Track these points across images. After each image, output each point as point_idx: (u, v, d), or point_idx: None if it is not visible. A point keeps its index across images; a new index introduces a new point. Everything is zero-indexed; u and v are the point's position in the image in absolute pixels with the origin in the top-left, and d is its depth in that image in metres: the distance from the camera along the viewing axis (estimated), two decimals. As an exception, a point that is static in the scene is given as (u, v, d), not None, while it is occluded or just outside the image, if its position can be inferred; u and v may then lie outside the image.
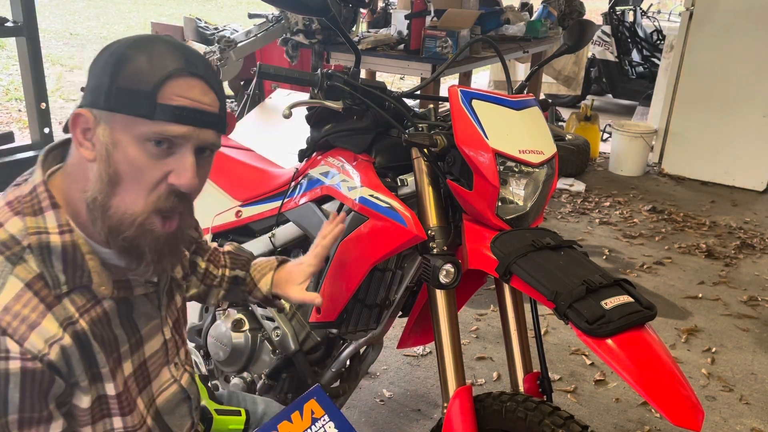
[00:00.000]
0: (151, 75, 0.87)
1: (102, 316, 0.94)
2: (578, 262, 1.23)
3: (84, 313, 0.91)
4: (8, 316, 0.83)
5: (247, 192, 1.80)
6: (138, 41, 0.89)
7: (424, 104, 2.77)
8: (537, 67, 1.70)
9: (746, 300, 3.22)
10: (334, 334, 1.61)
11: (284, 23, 4.09)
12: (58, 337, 0.86)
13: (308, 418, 1.16)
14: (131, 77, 0.86)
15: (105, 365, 0.93)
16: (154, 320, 1.05)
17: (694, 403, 1.03)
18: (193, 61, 0.90)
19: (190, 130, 0.89)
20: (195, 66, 0.90)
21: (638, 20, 7.56)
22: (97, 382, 0.93)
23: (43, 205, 0.89)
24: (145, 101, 0.86)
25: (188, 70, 0.89)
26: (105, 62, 0.88)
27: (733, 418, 2.35)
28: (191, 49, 0.92)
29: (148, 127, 0.87)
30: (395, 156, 1.47)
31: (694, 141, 4.99)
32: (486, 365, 2.58)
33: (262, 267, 1.40)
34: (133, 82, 0.86)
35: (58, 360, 0.86)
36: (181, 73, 0.88)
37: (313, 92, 1.47)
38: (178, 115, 0.87)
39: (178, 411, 1.10)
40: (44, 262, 0.87)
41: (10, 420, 0.84)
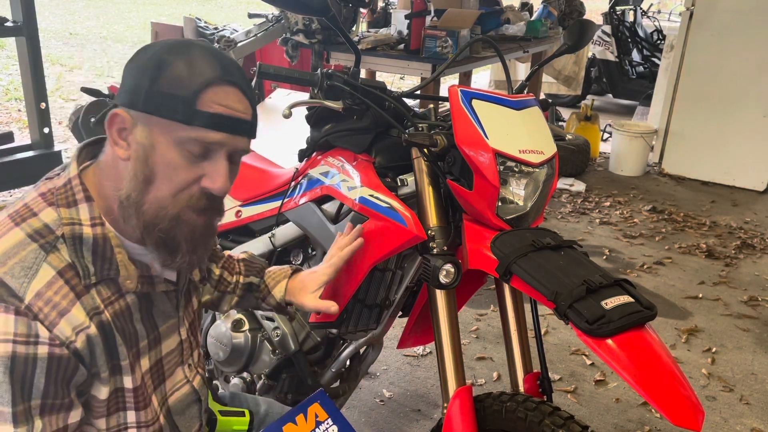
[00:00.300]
0: (190, 81, 0.89)
1: (125, 309, 0.96)
2: (578, 262, 1.23)
3: (109, 305, 0.93)
4: (40, 301, 0.85)
5: (247, 192, 1.80)
6: (178, 46, 0.91)
7: (424, 104, 2.77)
8: (537, 67, 1.69)
9: (746, 300, 3.22)
10: (334, 334, 1.60)
11: (284, 23, 4.09)
12: (85, 326, 0.89)
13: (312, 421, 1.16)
14: (171, 82, 0.89)
15: (125, 358, 0.95)
16: (172, 319, 1.06)
17: (694, 403, 1.03)
18: (229, 69, 0.92)
19: (225, 137, 0.92)
20: (231, 74, 0.92)
21: (638, 20, 7.56)
22: (116, 375, 0.95)
23: (77, 197, 0.92)
24: (183, 107, 0.89)
25: (225, 78, 0.91)
26: (144, 65, 0.90)
27: (733, 418, 2.35)
28: (227, 57, 0.94)
29: (186, 132, 0.89)
30: (395, 156, 1.47)
31: (694, 141, 4.99)
32: (486, 365, 2.58)
33: (276, 275, 1.41)
34: (172, 87, 0.89)
35: (83, 348, 0.88)
36: (219, 81, 0.91)
37: (313, 92, 1.47)
38: (215, 123, 0.90)
39: (189, 412, 1.11)
40: (76, 252, 0.90)
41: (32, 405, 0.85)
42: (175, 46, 0.91)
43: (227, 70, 0.92)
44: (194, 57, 0.91)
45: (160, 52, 0.90)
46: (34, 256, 0.87)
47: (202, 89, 0.89)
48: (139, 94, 0.89)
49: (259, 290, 1.41)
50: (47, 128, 3.46)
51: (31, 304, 0.84)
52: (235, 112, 0.92)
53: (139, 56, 0.92)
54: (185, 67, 0.90)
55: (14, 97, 6.72)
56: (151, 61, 0.90)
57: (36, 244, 0.88)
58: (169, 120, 0.89)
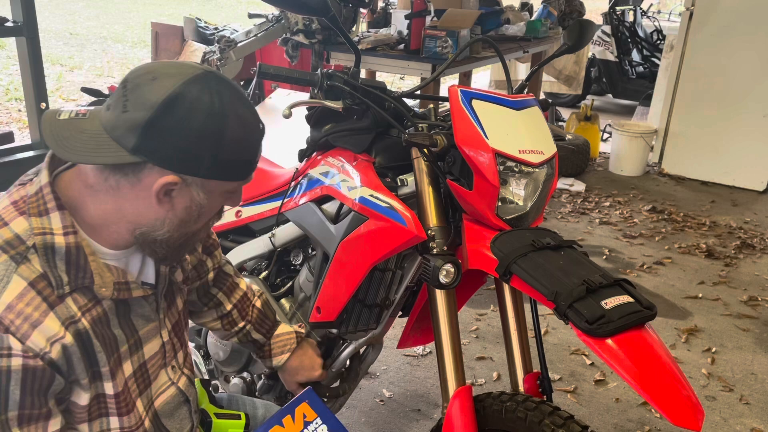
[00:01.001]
0: (248, 143, 0.94)
1: (102, 315, 0.95)
2: (578, 262, 1.23)
3: (86, 312, 0.92)
4: (11, 314, 0.84)
5: (247, 192, 1.80)
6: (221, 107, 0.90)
7: (424, 104, 2.77)
8: (537, 67, 1.69)
9: (746, 300, 3.22)
10: (334, 334, 1.60)
11: (284, 23, 4.09)
12: (60, 336, 0.87)
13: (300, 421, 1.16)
14: (234, 149, 0.92)
15: (105, 364, 0.94)
16: (152, 322, 1.05)
17: (694, 403, 1.03)
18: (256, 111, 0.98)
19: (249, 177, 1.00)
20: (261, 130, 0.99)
21: (638, 20, 7.55)
22: (97, 381, 0.94)
23: (48, 206, 0.90)
24: (246, 167, 0.96)
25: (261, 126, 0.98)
26: (200, 133, 0.88)
27: (733, 418, 2.35)
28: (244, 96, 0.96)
29: (237, 184, 0.98)
30: (395, 156, 1.47)
31: (694, 141, 4.99)
32: (486, 365, 2.58)
33: (282, 342, 1.43)
34: (236, 153, 0.93)
35: (59, 358, 0.87)
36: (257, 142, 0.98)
37: (313, 92, 1.47)
38: (254, 168, 1.00)
39: (178, 414, 1.10)
40: (48, 262, 0.89)
41: (9, 416, 0.85)
42: (216, 102, 0.90)
43: (255, 112, 0.96)
44: (239, 109, 0.92)
45: (209, 116, 0.89)
46: (5, 268, 0.86)
47: (260, 146, 0.96)
48: (200, 164, 0.90)
49: (261, 348, 1.43)
50: (47, 128, 3.45)
51: (2, 317, 0.83)
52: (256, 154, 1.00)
53: (181, 118, 0.88)
54: (239, 127, 0.92)
55: (14, 97, 6.72)
56: (206, 130, 0.89)
57: (6, 255, 0.87)
58: (227, 180, 0.95)
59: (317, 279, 1.54)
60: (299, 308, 1.66)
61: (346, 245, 1.43)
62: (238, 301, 1.39)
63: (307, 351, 1.47)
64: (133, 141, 0.86)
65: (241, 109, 0.92)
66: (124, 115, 0.87)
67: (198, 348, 1.88)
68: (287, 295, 1.70)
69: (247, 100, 0.95)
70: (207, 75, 0.90)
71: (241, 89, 0.96)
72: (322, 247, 1.53)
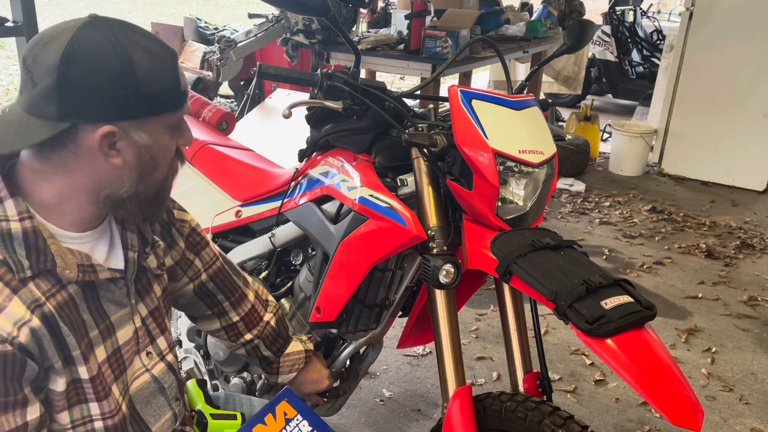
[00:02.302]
0: (163, 70, 0.92)
1: (68, 299, 0.94)
2: (578, 262, 1.23)
3: (50, 297, 0.92)
4: None
5: (247, 192, 1.80)
6: (116, 39, 0.88)
7: (424, 104, 2.77)
8: (537, 67, 1.70)
9: (746, 300, 3.22)
10: (334, 334, 1.60)
11: (284, 23, 4.09)
12: (27, 319, 0.87)
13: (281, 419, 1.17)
14: (151, 81, 0.90)
15: (76, 348, 0.94)
16: (124, 308, 1.04)
17: (694, 403, 1.03)
18: (160, 38, 0.95)
19: (186, 104, 0.99)
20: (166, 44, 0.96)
21: (638, 20, 7.56)
22: (70, 365, 0.94)
23: (1, 195, 0.91)
24: (173, 95, 0.94)
25: (171, 51, 0.95)
26: (107, 74, 0.87)
27: (733, 418, 2.35)
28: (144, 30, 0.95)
29: (175, 116, 0.96)
30: (395, 156, 1.47)
31: (694, 141, 4.99)
32: (486, 365, 2.58)
33: (292, 362, 1.43)
34: (155, 83, 0.91)
35: (28, 342, 0.87)
36: (175, 53, 0.95)
37: (313, 92, 1.47)
38: (185, 95, 0.97)
39: (154, 401, 1.09)
40: (6, 248, 0.89)
41: None
42: (113, 40, 0.88)
43: (161, 41, 0.94)
44: (140, 40, 0.90)
45: (111, 54, 0.87)
46: None
47: (177, 71, 0.93)
48: (126, 105, 0.89)
49: (269, 365, 1.42)
50: (47, 128, 3.45)
51: None
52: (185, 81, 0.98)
53: (85, 66, 0.87)
54: (147, 56, 0.90)
55: (14, 97, 6.72)
56: (114, 69, 0.87)
57: None
58: (161, 114, 0.93)
59: (317, 279, 1.54)
60: (299, 308, 1.66)
61: (346, 245, 1.43)
62: (246, 314, 1.37)
63: (314, 366, 1.47)
64: (53, 109, 0.87)
65: (140, 39, 0.91)
66: (35, 90, 0.87)
67: (198, 348, 1.88)
68: (287, 295, 1.70)
69: (143, 30, 0.93)
70: (93, 20, 0.90)
71: (132, 24, 0.95)
72: (322, 247, 1.53)
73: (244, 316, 1.37)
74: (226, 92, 6.67)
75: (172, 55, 0.95)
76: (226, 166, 1.90)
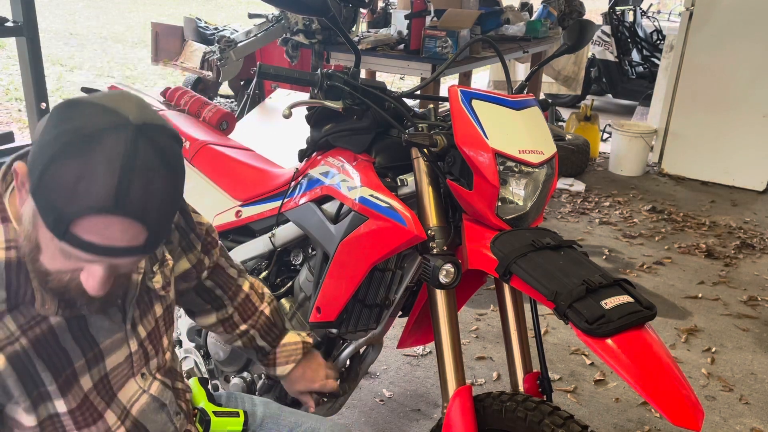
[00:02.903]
0: (71, 201, 0.75)
1: (47, 332, 0.89)
2: (578, 262, 1.23)
3: (27, 330, 0.86)
4: None
5: (247, 192, 1.80)
6: (81, 145, 0.75)
7: (424, 104, 2.77)
8: (537, 67, 1.70)
9: (746, 300, 3.22)
10: (334, 334, 1.61)
11: (284, 23, 4.09)
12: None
13: None
14: (53, 186, 0.76)
15: (53, 383, 0.89)
16: (117, 333, 0.98)
17: (694, 402, 1.03)
18: (126, 195, 0.76)
19: (99, 258, 0.81)
20: (124, 205, 0.76)
21: (638, 20, 7.56)
22: (46, 401, 0.89)
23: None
24: (57, 221, 0.77)
25: (113, 212, 0.76)
26: (51, 139, 0.76)
27: (732, 418, 2.35)
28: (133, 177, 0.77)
29: (56, 242, 0.79)
30: (395, 156, 1.47)
31: (694, 141, 4.99)
32: (486, 365, 2.58)
33: (288, 352, 1.40)
34: (52, 192, 0.76)
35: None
36: (103, 212, 0.76)
37: (313, 92, 1.47)
38: (86, 247, 0.78)
39: (159, 419, 1.07)
40: None
41: None
42: (84, 139, 0.75)
43: (121, 199, 0.76)
44: (90, 171, 0.75)
45: (65, 141, 0.75)
46: None
47: (79, 216, 0.76)
48: (34, 171, 0.77)
49: (265, 356, 1.40)
50: (47, 128, 3.45)
51: None
52: (116, 242, 0.78)
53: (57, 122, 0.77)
54: (74, 180, 0.75)
55: (14, 97, 6.72)
56: (53, 147, 0.76)
57: None
58: (44, 219, 0.78)
59: (317, 279, 1.54)
60: (299, 308, 1.66)
61: (346, 245, 1.43)
62: (240, 303, 1.37)
63: (312, 362, 1.44)
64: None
65: (96, 166, 0.75)
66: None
67: (198, 348, 1.88)
68: (287, 295, 1.70)
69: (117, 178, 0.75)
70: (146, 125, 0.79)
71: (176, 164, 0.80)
72: (322, 247, 1.53)
73: (239, 306, 1.36)
74: (226, 92, 6.67)
75: (96, 210, 0.76)
76: (226, 166, 1.90)
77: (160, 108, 2.14)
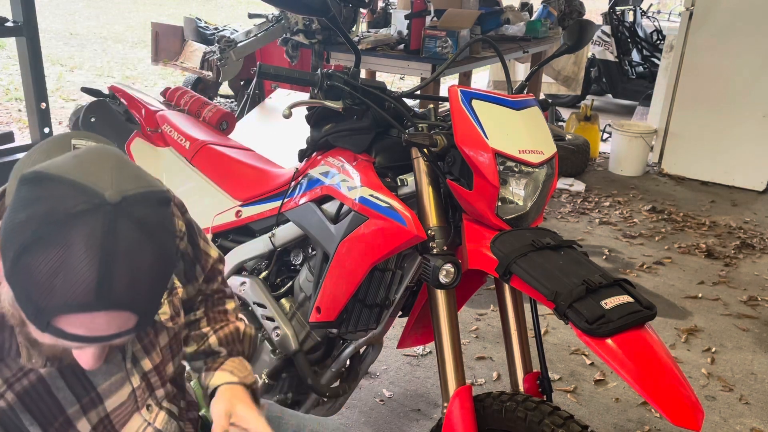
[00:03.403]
0: (48, 297, 0.67)
1: (36, 382, 0.83)
2: (578, 262, 1.23)
3: (14, 383, 0.82)
4: None
5: (247, 192, 1.80)
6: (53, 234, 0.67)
7: (424, 104, 2.77)
8: (537, 67, 1.70)
9: (746, 300, 3.22)
10: (334, 334, 1.61)
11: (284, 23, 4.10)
12: None
13: None
14: (28, 279, 0.67)
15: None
16: (117, 374, 0.93)
17: (693, 402, 1.03)
18: (109, 288, 0.68)
19: (88, 345, 0.74)
20: (108, 299, 0.69)
21: (638, 20, 7.56)
22: None
23: None
24: (36, 314, 0.70)
25: (96, 308, 0.69)
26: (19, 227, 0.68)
27: (732, 418, 2.35)
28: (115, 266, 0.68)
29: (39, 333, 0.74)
30: (395, 156, 1.48)
31: (694, 141, 4.99)
32: (486, 365, 2.58)
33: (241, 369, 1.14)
34: (28, 285, 0.68)
35: None
36: (86, 309, 0.69)
37: (313, 92, 1.47)
38: (72, 338, 0.72)
39: None
40: None
41: None
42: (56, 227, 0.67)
43: (104, 293, 0.68)
44: (66, 261, 0.66)
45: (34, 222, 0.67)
46: None
47: (59, 314, 0.69)
48: (6, 256, 0.69)
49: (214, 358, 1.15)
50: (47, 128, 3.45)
51: None
52: (102, 332, 0.72)
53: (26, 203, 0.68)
54: (48, 271, 0.66)
55: (14, 97, 6.72)
56: (24, 231, 0.67)
57: None
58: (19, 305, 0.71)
59: (317, 279, 1.54)
60: (299, 308, 1.66)
61: (346, 245, 1.43)
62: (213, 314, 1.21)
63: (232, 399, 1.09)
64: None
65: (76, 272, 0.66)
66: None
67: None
68: (287, 295, 1.70)
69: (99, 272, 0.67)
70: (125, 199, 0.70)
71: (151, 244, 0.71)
72: (322, 247, 1.53)
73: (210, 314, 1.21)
74: (226, 92, 6.67)
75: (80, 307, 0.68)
76: (226, 165, 1.90)
77: (160, 108, 2.14)
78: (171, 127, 2.03)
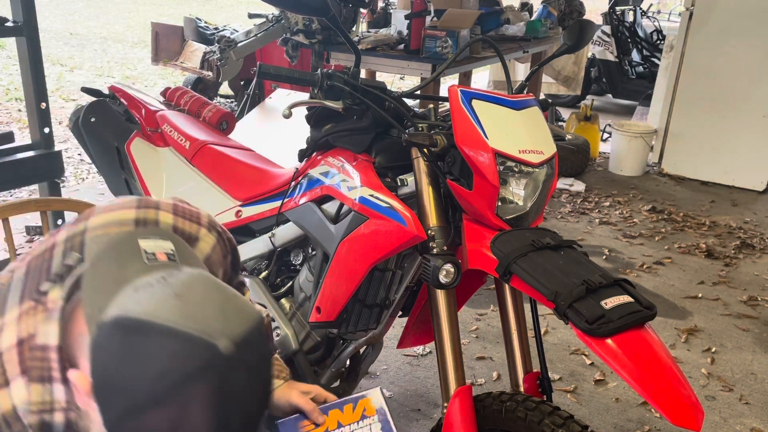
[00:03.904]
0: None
1: None
2: (578, 262, 1.23)
3: None
4: None
5: (247, 192, 1.80)
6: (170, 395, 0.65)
7: (424, 104, 2.77)
8: (537, 67, 1.70)
9: (746, 300, 3.22)
10: (334, 334, 1.61)
11: (284, 23, 4.09)
12: None
13: (359, 413, 1.13)
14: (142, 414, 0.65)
15: None
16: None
17: (693, 402, 1.03)
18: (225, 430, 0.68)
19: None
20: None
21: (638, 20, 7.56)
22: None
23: (53, 374, 0.75)
24: None
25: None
26: (125, 385, 0.65)
27: (732, 418, 2.35)
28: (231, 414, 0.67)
29: None
30: (395, 156, 1.48)
31: (694, 141, 4.99)
32: (486, 365, 2.58)
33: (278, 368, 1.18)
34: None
35: None
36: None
37: (313, 92, 1.47)
38: None
39: None
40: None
41: None
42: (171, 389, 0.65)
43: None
44: (184, 417, 0.65)
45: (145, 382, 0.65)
46: None
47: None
48: (107, 410, 0.67)
49: None
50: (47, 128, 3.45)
51: None
52: None
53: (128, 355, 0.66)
54: (164, 429, 0.65)
55: (14, 97, 6.72)
56: (132, 391, 0.65)
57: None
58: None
59: (317, 279, 1.54)
60: (299, 308, 1.66)
61: (346, 245, 1.43)
62: None
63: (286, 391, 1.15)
64: None
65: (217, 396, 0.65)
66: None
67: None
68: (287, 295, 1.70)
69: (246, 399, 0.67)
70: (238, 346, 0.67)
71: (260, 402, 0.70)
72: (322, 247, 1.53)
73: None
74: (226, 92, 6.68)
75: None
76: (226, 166, 1.90)
77: (159, 108, 2.14)
78: (171, 127, 2.03)
